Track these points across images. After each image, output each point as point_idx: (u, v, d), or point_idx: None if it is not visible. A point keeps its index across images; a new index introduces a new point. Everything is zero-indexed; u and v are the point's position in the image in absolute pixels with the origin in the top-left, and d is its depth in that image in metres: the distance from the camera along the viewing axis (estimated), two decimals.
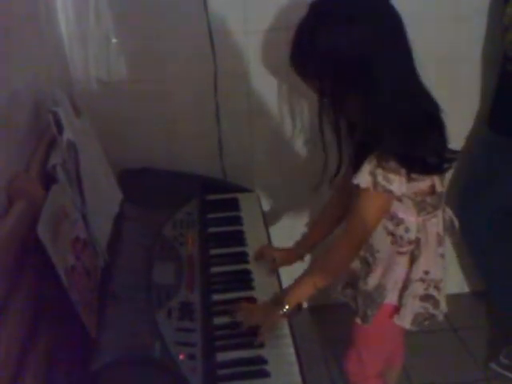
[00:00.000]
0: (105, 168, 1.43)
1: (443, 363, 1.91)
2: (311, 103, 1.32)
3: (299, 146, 1.76)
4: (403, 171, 1.13)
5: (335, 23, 1.09)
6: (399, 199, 1.21)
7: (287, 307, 1.23)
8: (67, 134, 1.13)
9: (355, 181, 1.15)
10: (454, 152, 1.19)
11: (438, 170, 1.19)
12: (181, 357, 1.05)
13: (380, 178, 1.12)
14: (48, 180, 1.11)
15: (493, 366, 1.88)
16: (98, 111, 1.49)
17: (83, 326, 1.01)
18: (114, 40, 1.55)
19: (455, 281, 2.12)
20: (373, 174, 1.13)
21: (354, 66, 1.08)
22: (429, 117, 1.16)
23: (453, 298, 1.98)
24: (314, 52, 1.11)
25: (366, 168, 1.13)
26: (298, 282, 1.28)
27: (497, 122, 1.72)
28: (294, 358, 1.15)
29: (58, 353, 0.97)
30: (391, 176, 1.12)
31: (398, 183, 1.13)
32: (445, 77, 1.68)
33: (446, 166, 1.18)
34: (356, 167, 1.16)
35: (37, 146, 1.20)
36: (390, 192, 1.14)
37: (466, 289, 2.18)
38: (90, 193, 1.22)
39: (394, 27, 1.11)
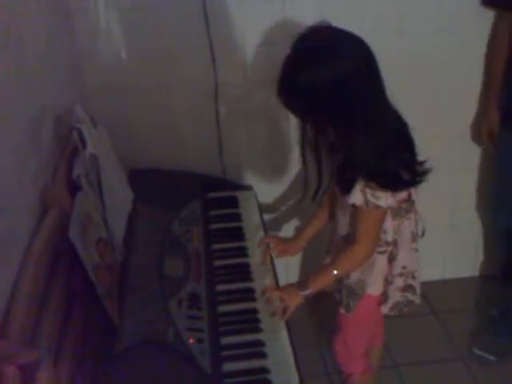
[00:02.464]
0: (118, 170, 1.58)
1: (424, 344, 2.10)
2: None
3: (292, 146, 1.93)
4: None
5: (313, 64, 1.22)
6: None
7: (310, 290, 1.41)
8: (90, 148, 1.28)
9: (350, 200, 1.31)
10: (422, 163, 1.34)
11: (412, 184, 1.34)
12: (191, 341, 1.22)
13: (369, 196, 1.29)
14: (73, 188, 1.27)
15: (476, 350, 2.03)
16: (111, 118, 1.64)
17: (107, 314, 1.18)
18: (123, 54, 1.70)
19: (439, 268, 2.31)
20: (363, 192, 1.29)
21: (331, 102, 1.22)
22: (398, 134, 1.31)
23: (435, 284, 2.21)
24: (294, 90, 1.25)
25: (357, 188, 1.29)
26: (321, 272, 1.45)
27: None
28: (287, 341, 1.32)
29: (88, 337, 1.14)
30: (378, 193, 1.29)
31: (384, 198, 1.30)
32: None
33: (418, 179, 1.34)
34: (341, 183, 1.32)
35: (60, 157, 1.36)
36: (379, 207, 1.31)
37: (447, 275, 2.36)
38: (108, 196, 1.37)
39: (367, 61, 1.23)
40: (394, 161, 1.28)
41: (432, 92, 1.89)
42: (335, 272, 1.42)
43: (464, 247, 2.30)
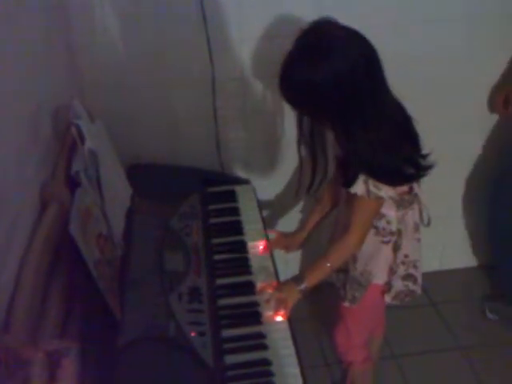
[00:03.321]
0: (117, 165, 1.58)
1: (423, 334, 2.12)
2: None
3: (290, 141, 1.91)
4: None
5: (313, 61, 1.22)
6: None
7: (305, 285, 1.40)
8: (88, 144, 1.28)
9: (353, 190, 1.32)
10: (426, 157, 1.35)
11: (414, 178, 1.36)
12: (192, 334, 1.22)
13: (371, 187, 1.31)
14: (72, 183, 1.27)
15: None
16: (108, 113, 1.64)
17: (109, 309, 1.18)
18: (121, 49, 1.70)
19: (437, 259, 2.32)
20: (366, 183, 1.31)
21: (331, 99, 1.23)
22: (400, 128, 1.31)
23: (432, 275, 2.22)
24: (295, 86, 1.26)
25: (361, 178, 1.31)
26: (316, 265, 1.45)
27: None
28: (288, 333, 1.34)
29: (90, 332, 1.14)
30: (380, 184, 1.31)
31: (385, 190, 1.32)
32: None
33: (421, 173, 1.35)
34: (344, 178, 1.34)
35: (59, 153, 1.36)
36: (381, 198, 1.33)
37: (444, 266, 2.38)
38: (107, 191, 1.38)
39: (368, 58, 1.24)
40: (396, 156, 1.30)
41: (434, 84, 1.89)
42: (328, 264, 1.43)
43: (462, 238, 2.32)
